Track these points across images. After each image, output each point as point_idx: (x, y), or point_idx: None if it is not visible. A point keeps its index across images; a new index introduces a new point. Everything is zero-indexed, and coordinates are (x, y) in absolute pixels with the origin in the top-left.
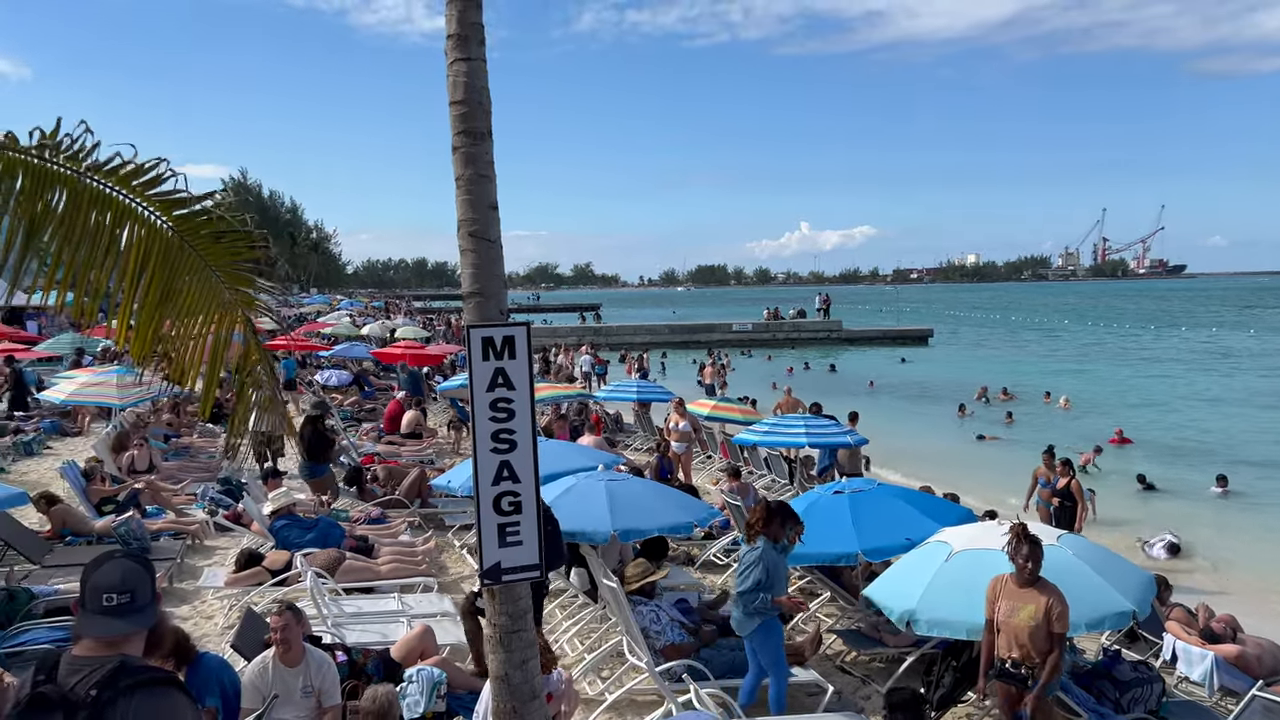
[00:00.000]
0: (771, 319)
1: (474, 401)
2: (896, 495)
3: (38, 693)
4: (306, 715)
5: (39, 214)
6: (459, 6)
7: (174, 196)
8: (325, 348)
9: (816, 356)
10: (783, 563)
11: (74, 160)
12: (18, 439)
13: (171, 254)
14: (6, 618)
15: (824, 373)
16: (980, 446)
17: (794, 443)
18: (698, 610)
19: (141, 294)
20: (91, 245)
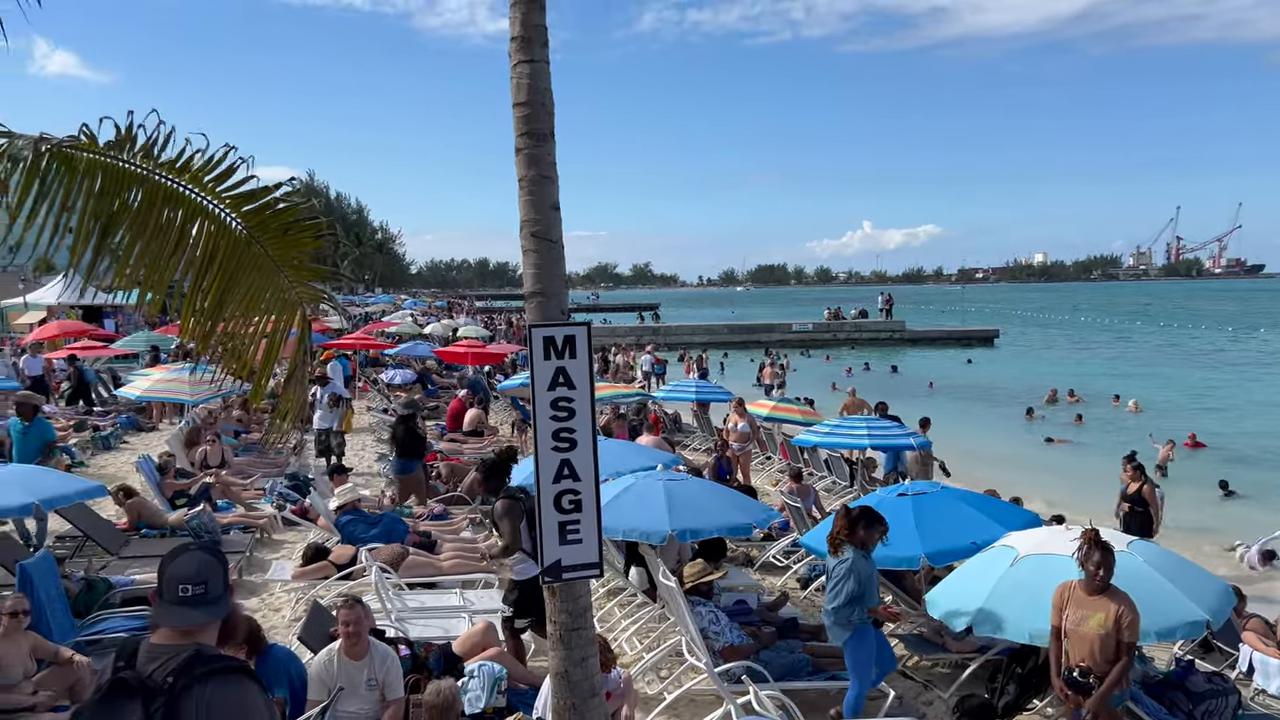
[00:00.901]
0: (832, 319)
1: (535, 400)
2: (961, 498)
3: (118, 678)
4: (370, 708)
5: (115, 212)
6: (522, 9)
7: (242, 190)
8: (389, 346)
9: (878, 357)
10: (873, 570)
11: (148, 157)
12: (96, 434)
13: (238, 250)
14: (85, 606)
15: (885, 374)
16: (1048, 450)
17: (855, 444)
18: (757, 612)
19: (208, 290)
20: (162, 242)
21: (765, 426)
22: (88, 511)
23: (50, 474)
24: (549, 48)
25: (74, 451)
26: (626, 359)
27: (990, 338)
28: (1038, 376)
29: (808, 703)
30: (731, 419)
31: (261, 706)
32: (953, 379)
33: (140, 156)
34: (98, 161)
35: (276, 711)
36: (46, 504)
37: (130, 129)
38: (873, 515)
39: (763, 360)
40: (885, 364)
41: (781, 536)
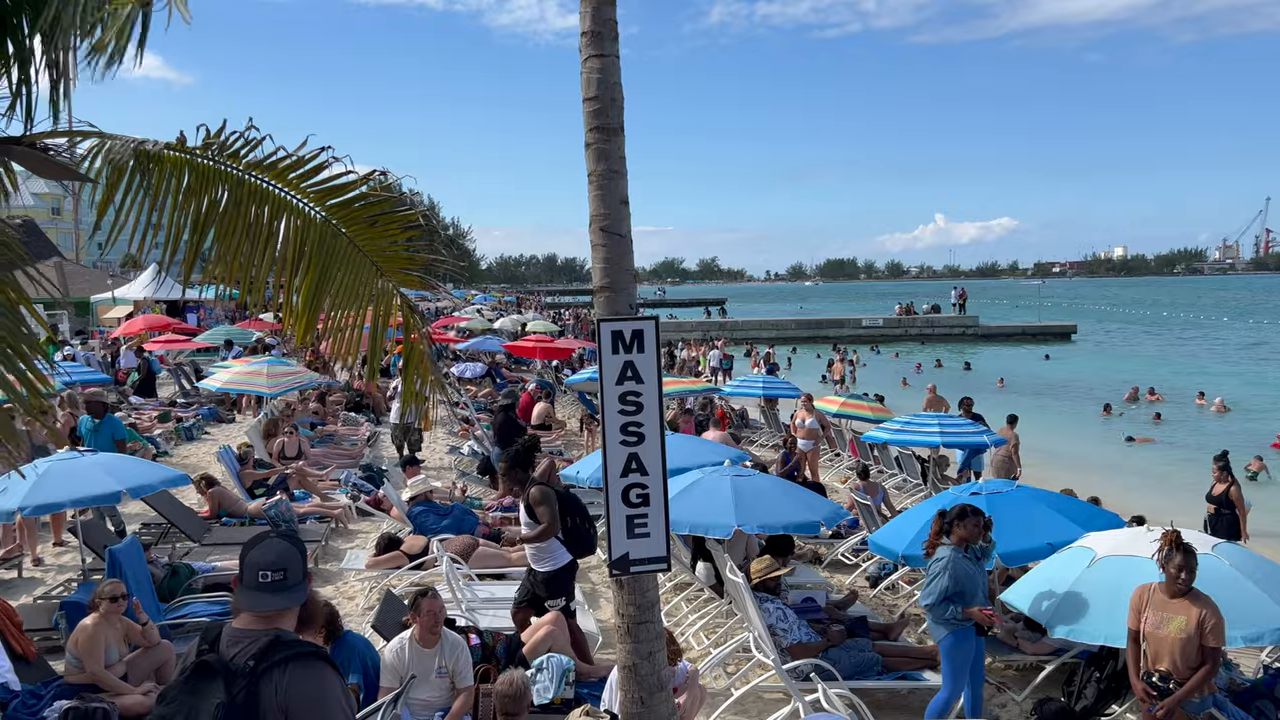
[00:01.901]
0: (904, 314)
1: (603, 394)
2: (1037, 498)
3: (202, 661)
4: (441, 695)
5: (203, 210)
6: (593, 4)
7: (328, 185)
8: (460, 341)
9: (950, 354)
10: (977, 571)
11: (235, 157)
12: (179, 425)
13: (326, 244)
14: (170, 591)
15: (958, 370)
16: (1128, 449)
17: (927, 442)
18: (825, 609)
19: (300, 285)
20: (251, 239)
21: (834, 423)
22: (172, 500)
23: (137, 463)
24: (619, 42)
25: (158, 441)
26: (693, 354)
27: (1067, 334)
28: (1117, 374)
29: (877, 702)
30: (800, 415)
31: (337, 691)
32: (1028, 376)
33: (227, 156)
34: (185, 160)
35: (351, 697)
36: (133, 492)
37: (220, 132)
38: (970, 513)
39: (831, 356)
40: (958, 360)
41: (850, 534)
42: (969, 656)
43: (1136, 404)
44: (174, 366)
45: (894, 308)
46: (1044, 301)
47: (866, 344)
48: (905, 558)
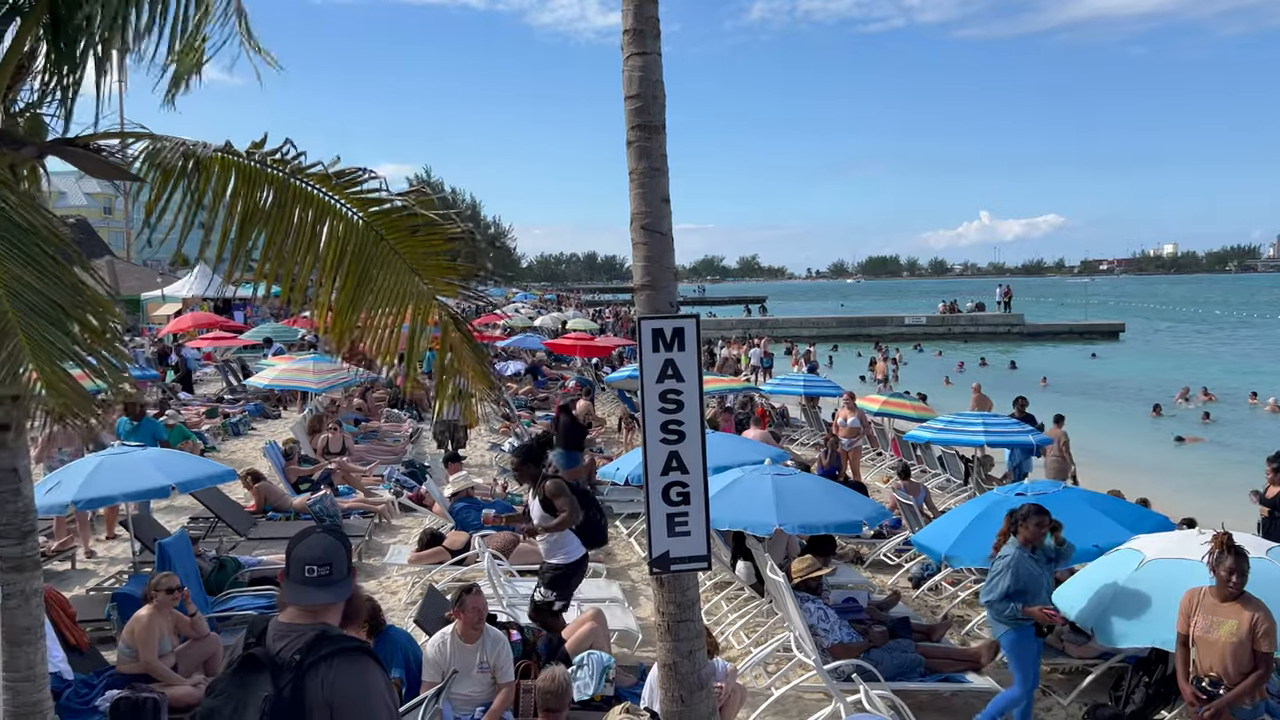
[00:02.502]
0: (947, 312)
1: (644, 392)
2: (1084, 499)
3: (249, 654)
4: (482, 690)
5: (249, 210)
6: (635, 2)
7: (369, 195)
8: (502, 338)
9: (995, 352)
10: (1043, 571)
11: (281, 163)
12: (226, 420)
13: (367, 248)
14: (217, 585)
15: (1003, 369)
16: (1178, 450)
17: (971, 441)
18: (867, 610)
19: (339, 285)
20: (295, 239)
21: (876, 422)
22: (219, 494)
23: (186, 458)
24: (660, 40)
25: (206, 437)
26: (734, 352)
27: (1115, 332)
28: (1167, 373)
29: (920, 704)
30: (841, 414)
31: (381, 686)
32: (1075, 375)
33: (275, 162)
34: (232, 162)
35: (395, 691)
36: (182, 486)
37: (263, 143)
38: (1036, 513)
39: (873, 355)
40: (1003, 359)
41: (893, 534)
42: (1035, 653)
43: (1188, 404)
44: (221, 363)
45: (937, 305)
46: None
47: (909, 342)
48: (948, 558)
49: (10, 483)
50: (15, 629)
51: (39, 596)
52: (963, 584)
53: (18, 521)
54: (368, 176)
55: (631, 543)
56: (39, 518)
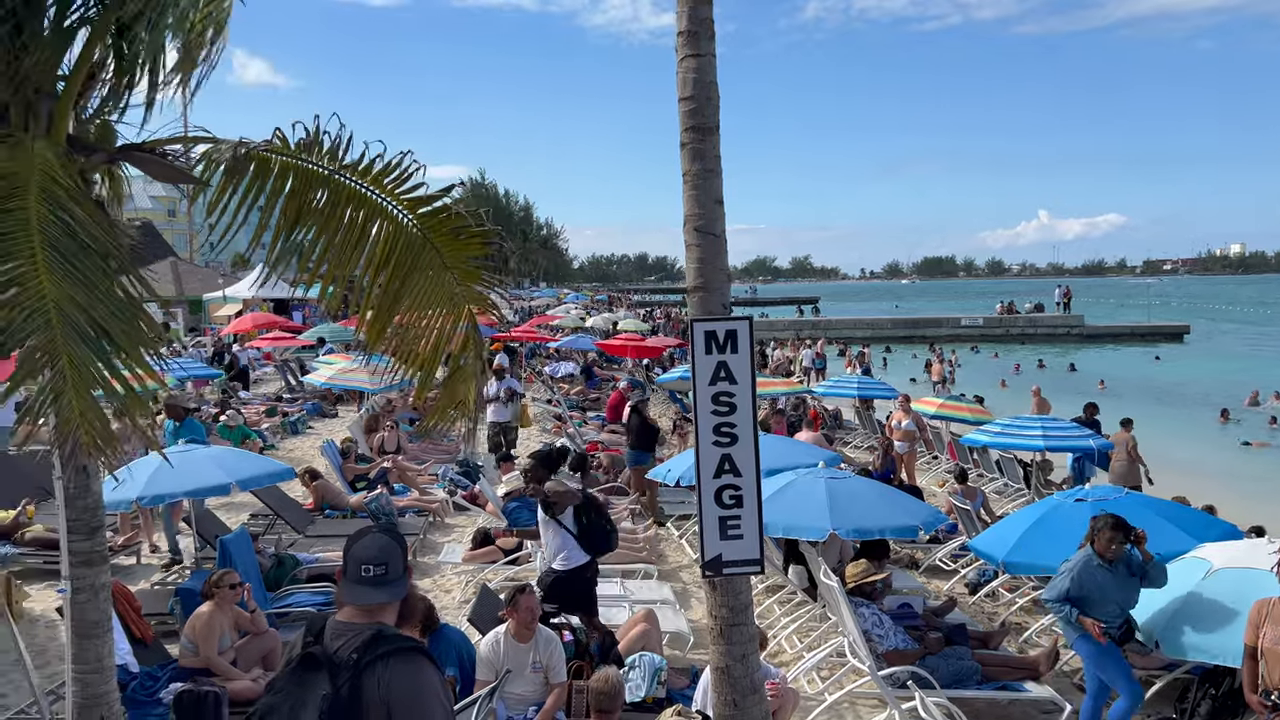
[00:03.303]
0: (1005, 313)
1: (696, 395)
2: (1147, 506)
3: (308, 653)
4: (535, 690)
5: (303, 210)
6: (690, 3)
7: (418, 194)
8: (554, 339)
9: (1054, 354)
10: (1115, 583)
11: (333, 159)
12: (285, 419)
13: (413, 249)
14: (276, 581)
15: (1062, 371)
16: (1245, 455)
17: (1029, 445)
18: (922, 616)
19: (384, 285)
20: (345, 239)
21: (932, 425)
22: (278, 492)
23: (246, 456)
24: (715, 41)
25: (265, 435)
26: (794, 352)
27: (1179, 334)
28: (1234, 376)
29: (976, 713)
30: (896, 416)
31: (436, 685)
32: (1137, 378)
33: (327, 159)
34: (290, 164)
35: (450, 690)
36: (242, 484)
37: (317, 132)
38: (1109, 523)
39: (929, 356)
40: (1062, 361)
41: (949, 539)
42: (1120, 658)
43: (1258, 407)
44: (280, 363)
45: (994, 306)
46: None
47: (965, 344)
48: (1006, 564)
49: (79, 480)
50: (84, 622)
51: (107, 590)
52: (1020, 590)
53: (87, 517)
54: (414, 165)
55: (683, 544)
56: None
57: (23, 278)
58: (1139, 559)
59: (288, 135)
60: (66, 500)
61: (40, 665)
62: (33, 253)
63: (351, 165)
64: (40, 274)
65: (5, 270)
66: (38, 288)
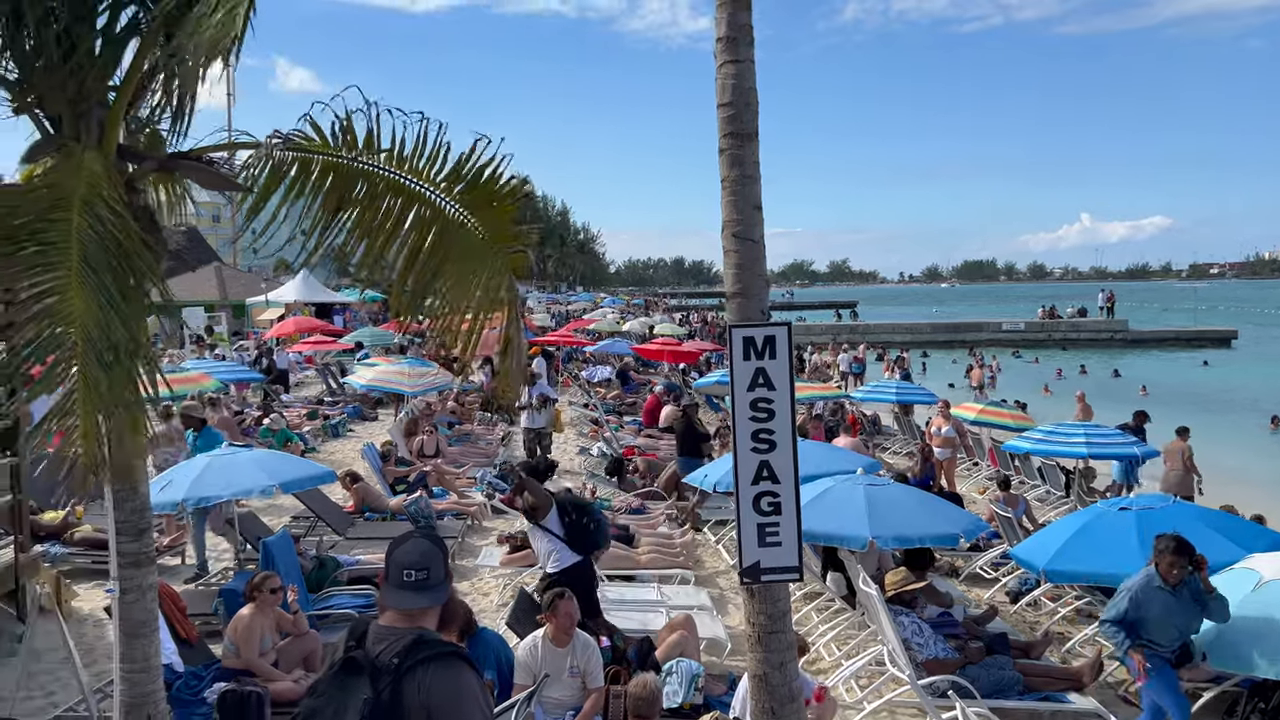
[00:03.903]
0: (1047, 317)
1: (734, 400)
2: (1193, 515)
3: (349, 656)
4: (572, 695)
5: (343, 202)
6: (729, 9)
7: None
8: (590, 343)
9: (1097, 359)
10: (1178, 607)
11: (369, 149)
12: (326, 422)
13: (450, 233)
14: (317, 583)
15: (1106, 377)
16: None
17: (1072, 453)
18: (963, 625)
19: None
20: (381, 222)
21: (973, 431)
22: (320, 494)
23: (288, 459)
24: (754, 47)
25: (307, 438)
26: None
27: (1227, 339)
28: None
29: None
30: (936, 422)
31: (476, 690)
32: (1184, 384)
33: (363, 151)
34: (330, 163)
35: (489, 694)
36: (285, 486)
37: (349, 121)
38: (1170, 546)
39: (969, 361)
40: (1106, 367)
41: (990, 547)
42: (1172, 677)
43: None
44: (321, 367)
45: (1036, 311)
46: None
47: (1007, 349)
48: (1047, 572)
49: (127, 482)
50: (132, 622)
51: (154, 591)
52: (1063, 600)
53: (134, 519)
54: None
55: (719, 550)
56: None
57: (58, 290)
58: (1199, 585)
59: (320, 124)
60: (115, 503)
61: (88, 664)
62: (69, 266)
63: (388, 154)
64: (73, 288)
65: (44, 281)
66: (70, 302)
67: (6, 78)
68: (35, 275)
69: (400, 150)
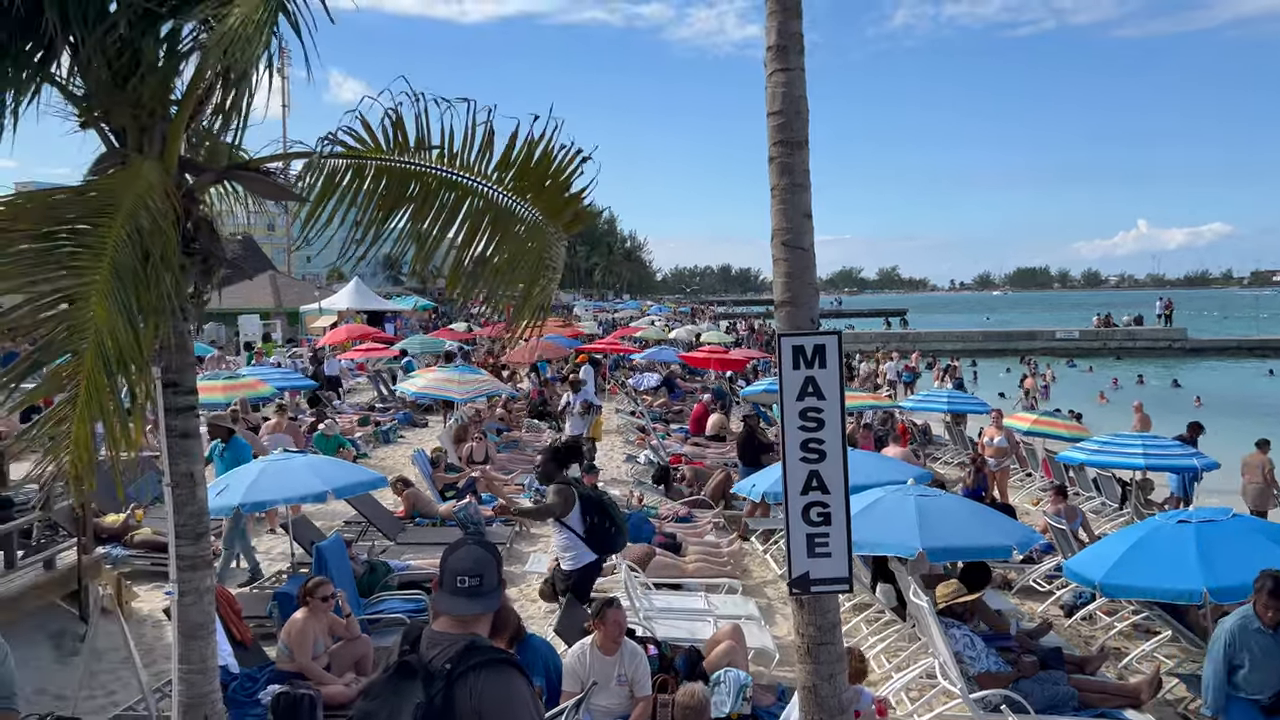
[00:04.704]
0: (1102, 326)
1: (783, 410)
2: (1256, 529)
3: (403, 661)
4: (620, 703)
5: (396, 202)
6: (779, 18)
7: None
8: (637, 351)
9: (1155, 369)
10: (1270, 648)
11: (420, 149)
12: (377, 429)
13: (503, 217)
14: (369, 587)
15: (1164, 387)
16: None
17: (1129, 464)
18: (1015, 638)
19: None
20: (434, 218)
21: (1026, 441)
22: (371, 500)
23: (341, 465)
24: (804, 55)
25: (358, 444)
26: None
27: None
28: None
29: None
30: (988, 432)
31: (526, 696)
32: (1246, 394)
33: (415, 151)
34: (384, 166)
35: (540, 701)
36: (338, 492)
37: (399, 120)
38: (1269, 585)
39: (1023, 370)
40: (1164, 376)
41: (1043, 559)
42: None
43: None
44: (373, 373)
45: (1091, 319)
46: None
47: (1061, 358)
48: (1103, 586)
49: (187, 486)
50: (190, 624)
51: (211, 594)
52: (1120, 614)
53: (193, 523)
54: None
55: (767, 559)
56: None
57: (81, 295)
58: None
59: (370, 121)
60: (175, 506)
61: (148, 664)
62: (100, 272)
63: (438, 152)
64: (94, 296)
65: (66, 284)
66: (89, 308)
67: (75, 93)
68: (63, 277)
69: (450, 145)
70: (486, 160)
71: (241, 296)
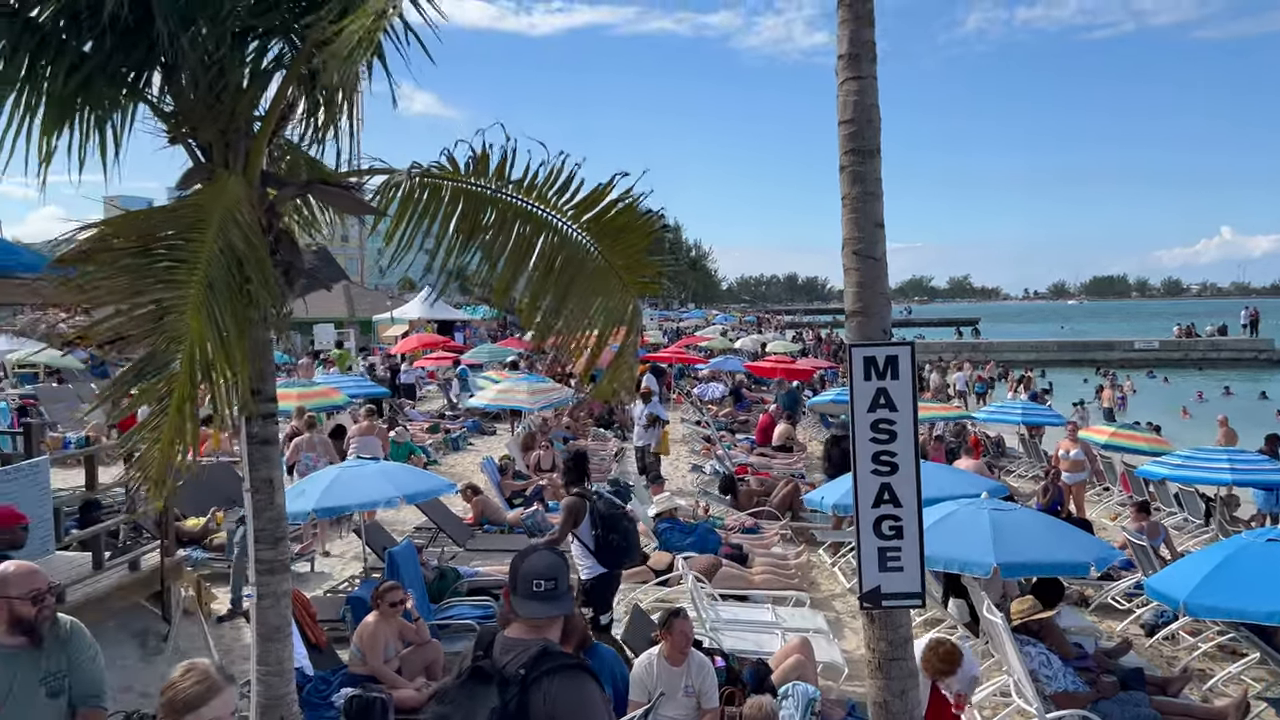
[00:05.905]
0: (1183, 336)
1: (854, 422)
2: None
3: (477, 666)
4: (687, 714)
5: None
6: (851, 26)
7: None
8: (702, 360)
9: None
10: None
11: (500, 178)
12: (447, 436)
13: (577, 259)
14: (439, 593)
15: (1251, 399)
16: None
17: (1214, 480)
18: (1094, 657)
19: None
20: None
21: (1104, 455)
22: (442, 506)
23: (413, 471)
24: (876, 63)
25: (429, 451)
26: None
27: None
28: None
29: None
30: (1064, 445)
31: (599, 702)
32: None
33: (494, 179)
34: (460, 189)
35: (611, 708)
36: (409, 498)
37: (484, 152)
38: None
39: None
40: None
41: (1122, 576)
42: None
43: None
44: (443, 381)
45: (1172, 329)
46: None
47: (1140, 369)
48: (1188, 606)
49: (266, 492)
50: (268, 627)
51: (288, 597)
52: (1204, 634)
53: (271, 528)
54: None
55: (835, 572)
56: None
57: (177, 308)
58: None
59: (455, 156)
60: (254, 512)
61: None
62: (196, 283)
63: (517, 182)
64: (190, 308)
65: (167, 297)
66: (185, 320)
67: (163, 110)
68: (160, 290)
69: (532, 180)
70: (565, 198)
71: (318, 306)
